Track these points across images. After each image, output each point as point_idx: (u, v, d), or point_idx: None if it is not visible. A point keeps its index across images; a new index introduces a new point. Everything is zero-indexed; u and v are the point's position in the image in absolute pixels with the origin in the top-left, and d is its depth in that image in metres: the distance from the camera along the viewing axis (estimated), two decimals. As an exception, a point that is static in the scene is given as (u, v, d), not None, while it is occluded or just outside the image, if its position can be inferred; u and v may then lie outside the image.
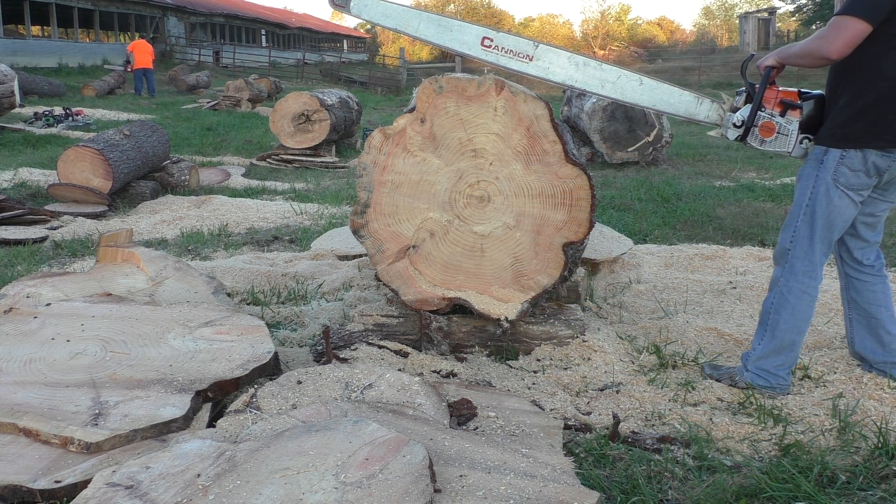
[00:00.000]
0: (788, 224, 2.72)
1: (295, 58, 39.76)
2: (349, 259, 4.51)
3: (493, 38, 3.04)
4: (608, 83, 2.98)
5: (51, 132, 11.50)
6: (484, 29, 3.06)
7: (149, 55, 20.33)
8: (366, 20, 3.26)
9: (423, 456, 1.81)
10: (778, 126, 2.73)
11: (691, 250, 4.89)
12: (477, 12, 64.56)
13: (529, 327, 3.05)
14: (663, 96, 2.97)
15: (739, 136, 2.80)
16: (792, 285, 2.69)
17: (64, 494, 1.82)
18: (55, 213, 5.80)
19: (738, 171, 9.14)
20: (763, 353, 2.73)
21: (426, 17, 3.13)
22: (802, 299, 2.69)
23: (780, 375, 2.71)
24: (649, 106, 2.99)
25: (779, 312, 2.71)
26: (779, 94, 2.74)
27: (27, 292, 3.04)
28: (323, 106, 9.52)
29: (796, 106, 2.70)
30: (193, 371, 2.37)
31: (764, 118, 2.74)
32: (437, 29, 3.10)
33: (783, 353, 2.71)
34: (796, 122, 2.70)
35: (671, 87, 2.98)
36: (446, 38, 3.09)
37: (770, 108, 2.74)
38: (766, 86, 2.73)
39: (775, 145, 2.75)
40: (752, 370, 2.74)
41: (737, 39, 45.60)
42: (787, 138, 2.72)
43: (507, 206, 2.85)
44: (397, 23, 3.16)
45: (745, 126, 2.77)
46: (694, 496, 2.02)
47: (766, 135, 2.75)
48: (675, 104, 2.97)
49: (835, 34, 2.43)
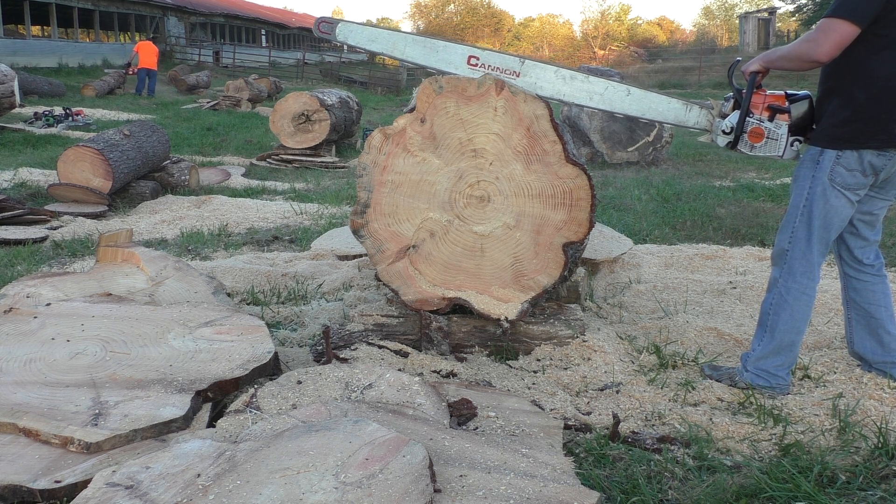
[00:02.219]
0: (786, 225, 2.73)
1: (295, 58, 39.75)
2: (349, 259, 4.51)
3: (479, 57, 3.07)
4: (596, 95, 3.00)
5: (51, 132, 11.50)
6: (470, 48, 3.10)
7: (154, 55, 20.45)
8: (352, 46, 3.30)
9: (423, 456, 1.81)
10: (767, 131, 2.73)
11: (691, 250, 4.90)
12: (477, 12, 64.59)
13: (529, 327, 3.05)
14: (652, 105, 2.99)
15: (729, 142, 2.81)
16: (790, 286, 2.69)
17: (64, 494, 1.82)
18: (55, 213, 5.80)
19: (738, 171, 9.14)
20: (762, 353, 2.73)
21: (412, 40, 3.16)
22: (801, 300, 2.69)
23: (779, 375, 2.72)
24: (639, 115, 3.01)
25: (777, 313, 2.71)
26: (766, 99, 2.74)
27: (27, 292, 3.04)
28: (323, 106, 9.52)
29: (784, 110, 2.71)
30: (193, 371, 2.37)
31: (753, 124, 2.75)
32: (423, 51, 3.13)
33: (782, 353, 2.71)
34: (785, 125, 2.71)
35: (659, 95, 3.00)
36: (433, 60, 3.13)
37: (758, 113, 2.75)
38: (753, 91, 2.74)
39: (765, 150, 2.75)
40: (752, 370, 2.74)
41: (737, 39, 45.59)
42: (776, 143, 2.73)
43: (507, 206, 2.85)
44: (383, 47, 3.20)
45: (734, 133, 2.78)
46: (694, 496, 2.02)
47: (755, 140, 2.75)
48: (663, 112, 2.99)
49: (823, 37, 2.43)
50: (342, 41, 3.25)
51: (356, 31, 3.21)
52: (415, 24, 66.94)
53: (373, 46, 3.21)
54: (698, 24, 66.90)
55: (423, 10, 66.82)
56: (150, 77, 20.45)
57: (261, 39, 42.96)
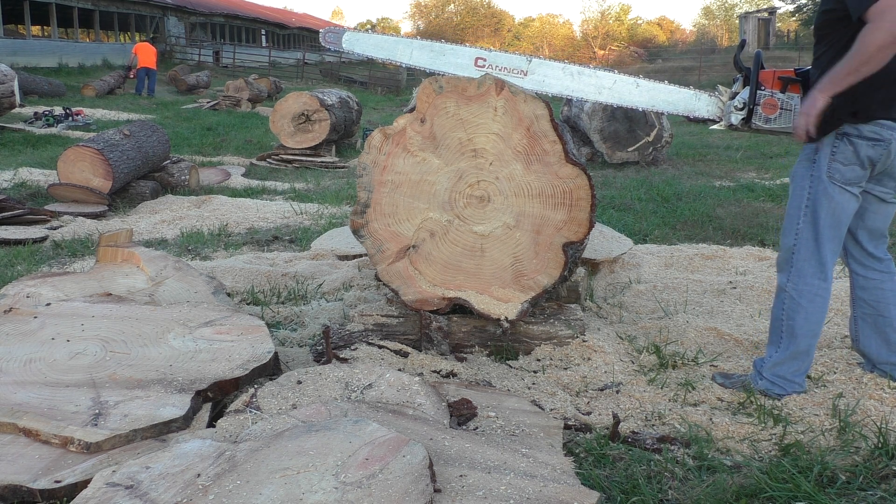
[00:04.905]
0: (788, 228, 2.67)
1: (295, 58, 39.74)
2: (349, 259, 4.51)
3: (486, 58, 3.08)
4: (605, 89, 3.00)
5: (51, 132, 11.50)
6: (477, 50, 3.10)
7: (152, 55, 20.51)
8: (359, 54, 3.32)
9: (423, 456, 1.81)
10: (780, 102, 2.71)
11: (691, 250, 4.89)
12: (477, 12, 64.57)
13: (529, 327, 3.05)
14: (661, 95, 2.98)
15: (743, 117, 2.78)
16: (802, 289, 2.63)
17: (64, 494, 1.82)
18: (55, 213, 5.80)
19: (738, 171, 9.14)
20: (780, 359, 2.66)
21: (418, 45, 3.17)
22: (815, 301, 2.62)
23: (796, 382, 2.67)
24: (648, 107, 3.00)
25: (792, 318, 2.65)
26: (776, 73, 2.74)
27: (27, 292, 3.04)
28: (323, 106, 9.52)
29: (795, 80, 2.69)
30: (193, 371, 2.37)
31: (765, 96, 2.73)
32: (430, 55, 3.15)
33: (800, 358, 2.66)
34: (797, 97, 2.69)
35: (668, 85, 2.99)
36: (440, 63, 3.14)
37: (769, 86, 2.74)
38: (759, 67, 2.74)
39: (780, 122, 2.72)
40: (769, 377, 2.68)
41: (737, 39, 45.57)
42: (791, 113, 2.70)
43: (507, 206, 2.85)
44: (390, 53, 3.22)
45: (746, 107, 2.76)
46: (694, 496, 2.02)
47: (769, 112, 2.73)
48: (673, 102, 2.98)
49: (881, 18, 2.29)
50: (349, 50, 3.27)
51: (362, 39, 3.23)
52: (415, 24, 66.98)
53: (379, 53, 3.23)
54: (698, 24, 66.89)
55: (423, 10, 66.84)
56: (150, 77, 20.46)
57: (261, 39, 42.96)
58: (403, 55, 3.18)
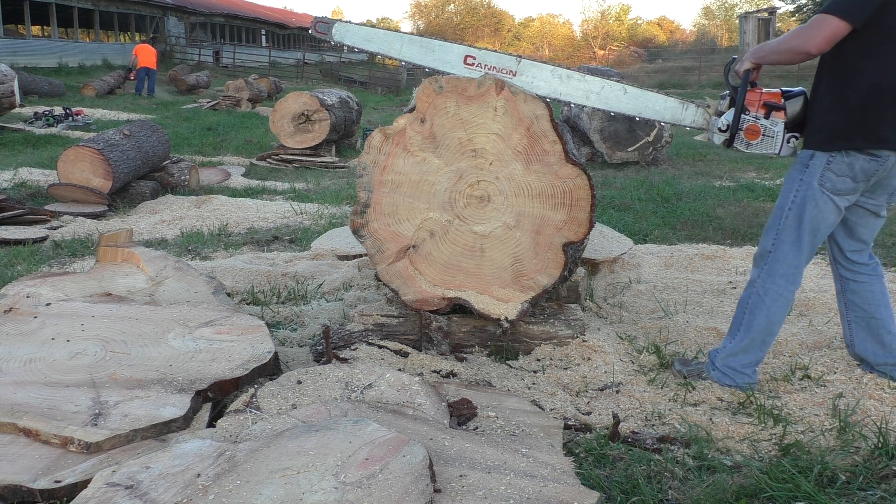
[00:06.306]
0: (771, 227, 2.72)
1: (295, 58, 39.74)
2: (349, 259, 4.51)
3: (475, 56, 3.08)
4: (592, 94, 3.01)
5: (51, 132, 11.50)
6: (466, 48, 3.10)
7: (152, 56, 20.55)
8: (348, 46, 3.31)
9: (423, 456, 1.81)
10: (763, 128, 2.73)
11: (691, 250, 4.89)
12: (477, 12, 64.59)
13: (529, 327, 3.05)
14: (648, 103, 2.99)
15: (726, 140, 2.81)
16: (769, 287, 2.70)
17: (64, 494, 1.82)
18: (55, 213, 5.80)
19: (738, 171, 9.14)
20: (732, 350, 2.74)
21: (408, 40, 3.17)
22: (778, 302, 2.69)
23: (745, 373, 2.73)
24: (635, 114, 3.01)
25: (753, 313, 2.72)
26: (762, 97, 2.75)
27: (27, 292, 3.04)
28: (323, 106, 9.52)
29: (780, 107, 2.71)
30: (193, 371, 2.37)
31: (748, 121, 2.75)
32: (419, 50, 3.14)
33: (752, 351, 2.73)
34: (781, 122, 2.71)
35: (655, 94, 3.00)
36: (429, 59, 3.14)
37: (754, 110, 2.75)
38: (747, 89, 2.74)
39: (761, 147, 2.75)
40: (720, 368, 2.76)
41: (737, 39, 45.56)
42: (772, 140, 2.73)
43: (507, 205, 2.85)
44: (379, 46, 3.21)
45: (730, 131, 2.78)
46: (694, 496, 2.02)
47: (751, 138, 2.75)
48: (660, 111, 2.99)
49: (816, 30, 2.45)
50: (339, 41, 3.26)
51: (352, 30, 3.22)
52: (415, 24, 66.95)
53: (369, 46, 3.22)
54: (698, 24, 66.87)
55: (423, 10, 66.84)
56: (150, 76, 20.48)
57: (261, 39, 42.96)
58: (393, 49, 3.18)
